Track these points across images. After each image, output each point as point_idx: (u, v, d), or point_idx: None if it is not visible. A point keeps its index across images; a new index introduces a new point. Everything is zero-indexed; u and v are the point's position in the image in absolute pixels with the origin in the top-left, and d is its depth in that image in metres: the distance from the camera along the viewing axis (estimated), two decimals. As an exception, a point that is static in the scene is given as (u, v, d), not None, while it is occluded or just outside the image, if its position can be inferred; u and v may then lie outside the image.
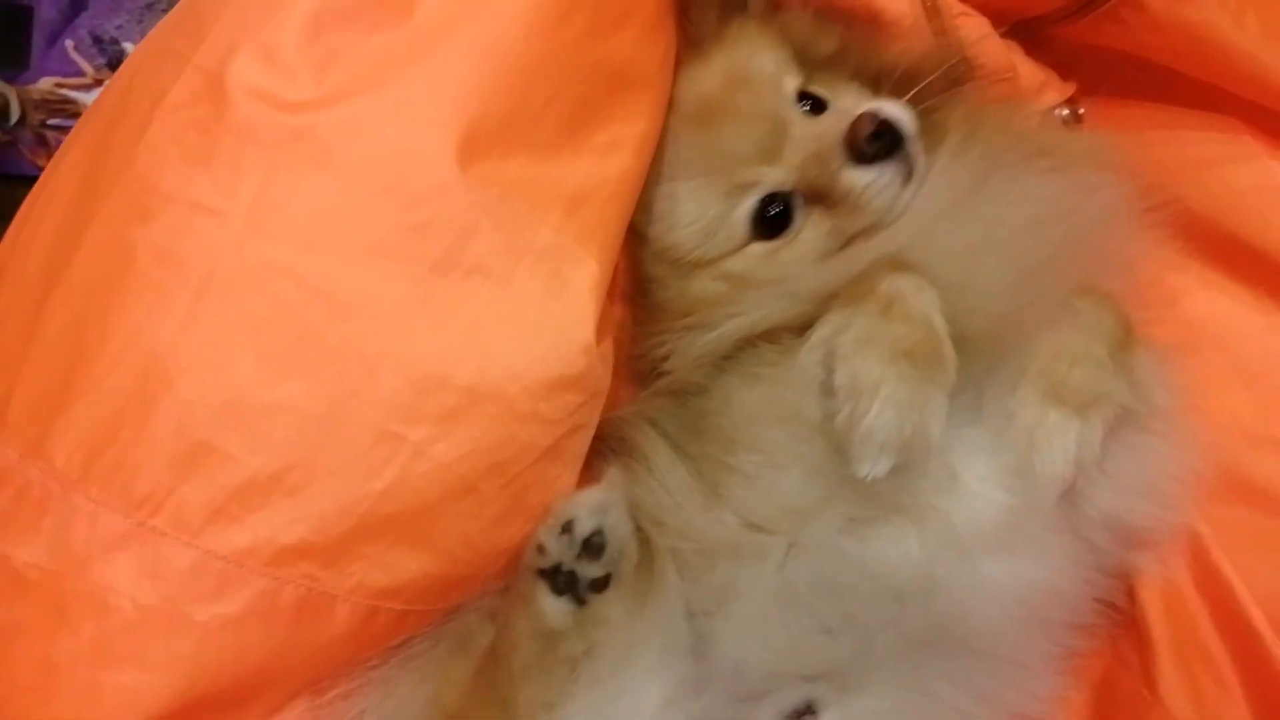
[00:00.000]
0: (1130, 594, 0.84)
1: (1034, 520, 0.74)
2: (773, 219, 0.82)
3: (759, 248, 0.83)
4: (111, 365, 0.64)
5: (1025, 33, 0.91)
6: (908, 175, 0.79)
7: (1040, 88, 0.90)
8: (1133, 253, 0.83)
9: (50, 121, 1.34)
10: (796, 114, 0.83)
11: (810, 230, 0.82)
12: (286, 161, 0.66)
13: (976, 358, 0.73)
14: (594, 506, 0.70)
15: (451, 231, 0.67)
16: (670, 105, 0.84)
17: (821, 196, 0.81)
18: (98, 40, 1.35)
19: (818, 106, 0.84)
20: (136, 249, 0.65)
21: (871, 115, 0.78)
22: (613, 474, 0.71)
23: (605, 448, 0.81)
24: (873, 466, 0.67)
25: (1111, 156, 0.82)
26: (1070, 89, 0.92)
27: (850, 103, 0.83)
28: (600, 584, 0.71)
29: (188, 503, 0.62)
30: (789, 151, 0.82)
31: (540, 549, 0.70)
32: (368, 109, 0.66)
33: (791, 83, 0.84)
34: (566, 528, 0.70)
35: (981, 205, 0.77)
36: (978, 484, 0.74)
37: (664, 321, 0.83)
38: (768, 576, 0.74)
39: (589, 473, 0.78)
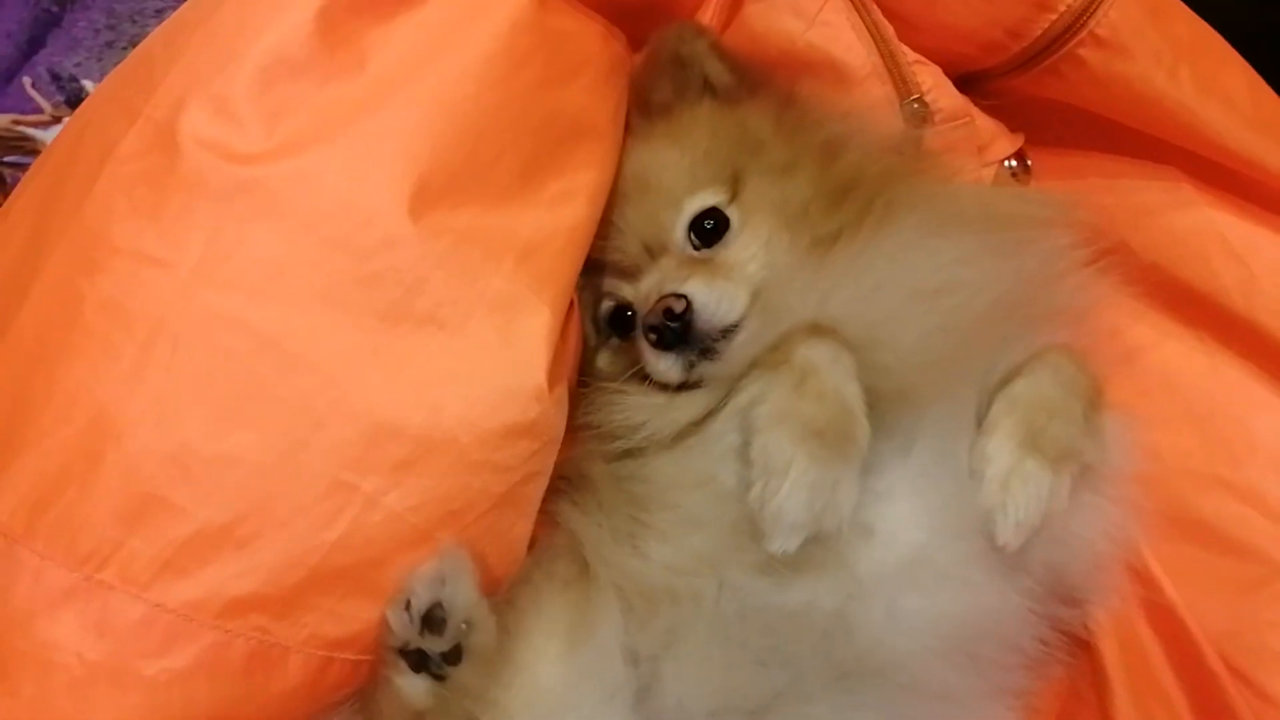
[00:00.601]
0: (1084, 631, 0.84)
1: (953, 558, 0.74)
2: (626, 320, 0.84)
3: (615, 344, 0.85)
4: (57, 419, 0.64)
5: (973, 85, 0.93)
6: (706, 357, 0.76)
7: (992, 139, 0.91)
8: (1082, 302, 0.85)
9: (7, 159, 1.33)
10: (678, 240, 0.82)
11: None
12: (235, 212, 0.66)
13: (905, 404, 0.74)
14: (430, 580, 0.68)
15: (403, 282, 0.67)
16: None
17: None
18: (56, 78, 1.34)
19: (718, 231, 0.81)
20: (84, 301, 0.65)
21: (664, 305, 0.76)
22: (449, 544, 0.69)
23: (563, 481, 0.81)
24: (783, 543, 0.68)
25: (1054, 212, 0.83)
26: (1019, 140, 0.93)
27: (737, 247, 0.80)
28: (452, 656, 0.70)
29: (137, 556, 0.62)
30: (645, 280, 0.82)
31: (388, 627, 0.69)
32: (319, 161, 0.67)
33: (700, 200, 0.82)
34: (407, 604, 0.68)
35: (908, 269, 0.77)
36: (893, 526, 0.74)
37: (591, 381, 0.84)
38: (704, 615, 0.74)
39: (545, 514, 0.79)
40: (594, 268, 0.83)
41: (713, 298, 0.76)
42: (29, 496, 0.63)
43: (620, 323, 0.85)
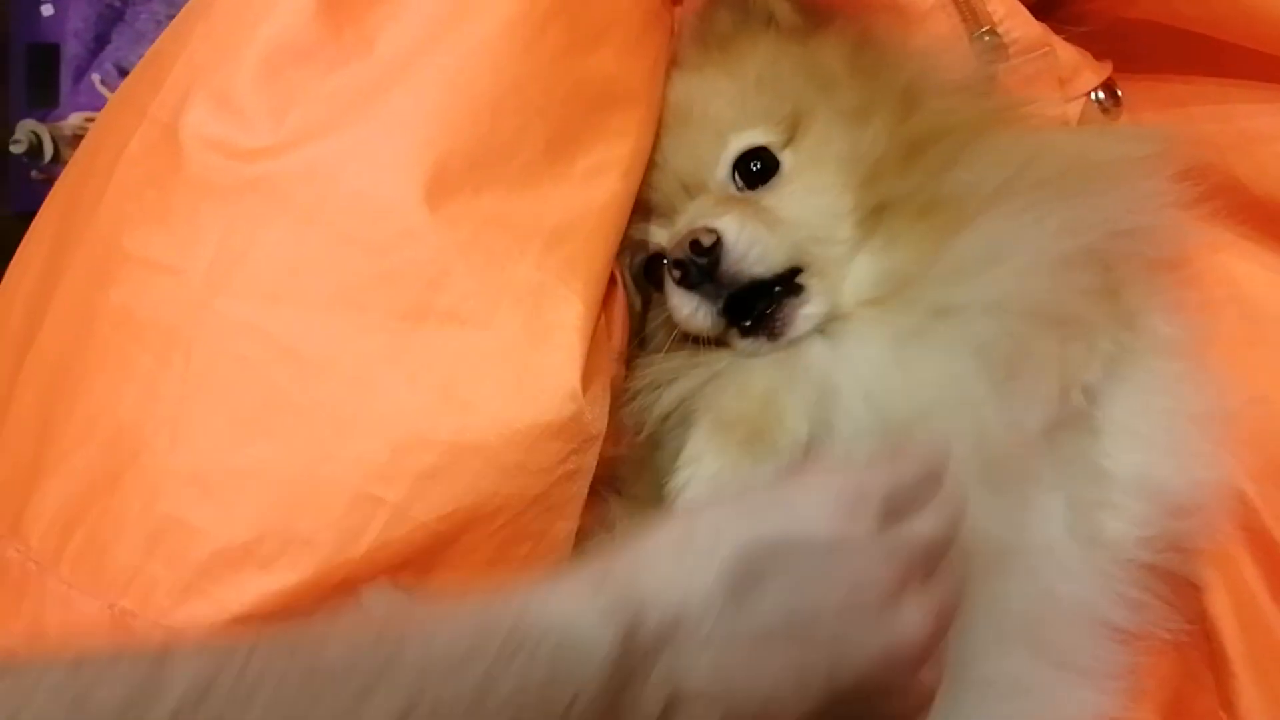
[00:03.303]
0: (1198, 603, 0.77)
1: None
2: (660, 270, 0.76)
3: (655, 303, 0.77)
4: (79, 439, 0.62)
5: (1051, 10, 0.84)
6: (765, 329, 0.69)
7: (1075, 70, 0.82)
8: (1185, 245, 0.76)
9: None
10: (720, 179, 0.74)
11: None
12: (244, 213, 0.63)
13: None
14: None
15: (422, 277, 0.63)
16: None
17: None
18: (123, 73, 1.34)
19: (765, 174, 0.73)
20: (99, 313, 0.63)
21: (691, 236, 0.68)
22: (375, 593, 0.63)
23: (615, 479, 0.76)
24: None
25: (1154, 148, 0.74)
26: (1107, 69, 0.84)
27: (786, 195, 0.72)
28: None
29: (158, 581, 0.60)
30: (681, 220, 0.74)
31: None
32: (328, 152, 0.63)
33: (748, 138, 0.74)
34: None
35: (995, 251, 0.69)
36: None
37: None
38: None
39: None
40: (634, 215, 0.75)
41: (744, 237, 0.68)
42: (56, 521, 0.61)
43: (655, 274, 0.77)
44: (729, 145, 0.74)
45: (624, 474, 0.75)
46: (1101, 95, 0.84)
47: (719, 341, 0.72)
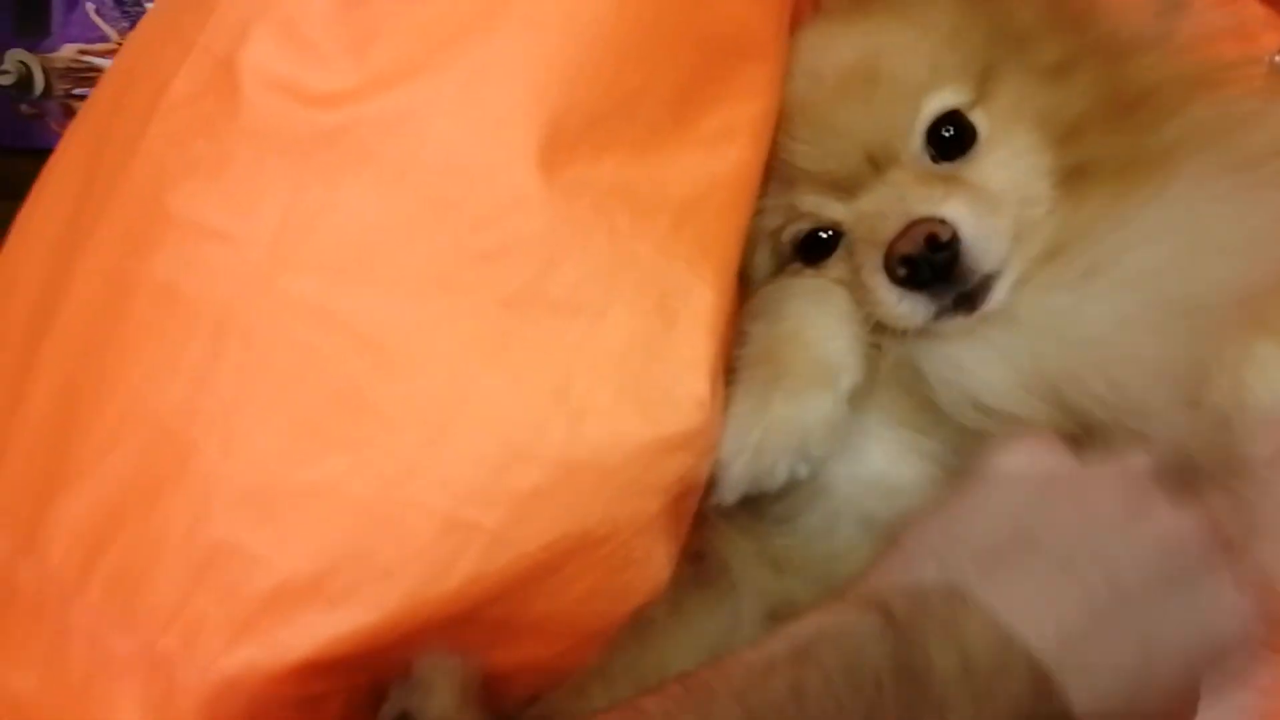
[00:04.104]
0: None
1: None
2: (822, 246, 0.67)
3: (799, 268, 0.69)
4: (109, 439, 0.51)
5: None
6: (966, 305, 0.62)
7: (1262, 28, 0.72)
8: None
9: (76, 91, 1.30)
10: (914, 148, 0.65)
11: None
12: (318, 171, 0.52)
13: None
14: (404, 687, 0.55)
15: (535, 257, 0.52)
16: None
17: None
18: (119, 2, 1.27)
19: (960, 142, 0.65)
20: (136, 288, 0.53)
21: (924, 230, 0.60)
22: (435, 651, 0.55)
23: None
24: (721, 493, 0.60)
25: None
26: (1289, 30, 0.74)
27: (990, 165, 0.64)
28: None
29: (207, 618, 0.49)
30: (869, 198, 0.64)
31: None
32: (422, 99, 0.53)
33: (941, 100, 0.65)
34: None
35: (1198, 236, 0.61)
36: None
37: None
38: None
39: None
40: (779, 179, 0.66)
41: (982, 230, 0.61)
42: (82, 538, 0.51)
43: (815, 248, 0.68)
44: (923, 109, 0.64)
45: None
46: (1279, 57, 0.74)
47: None
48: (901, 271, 0.61)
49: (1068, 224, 0.63)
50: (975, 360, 0.62)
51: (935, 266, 0.60)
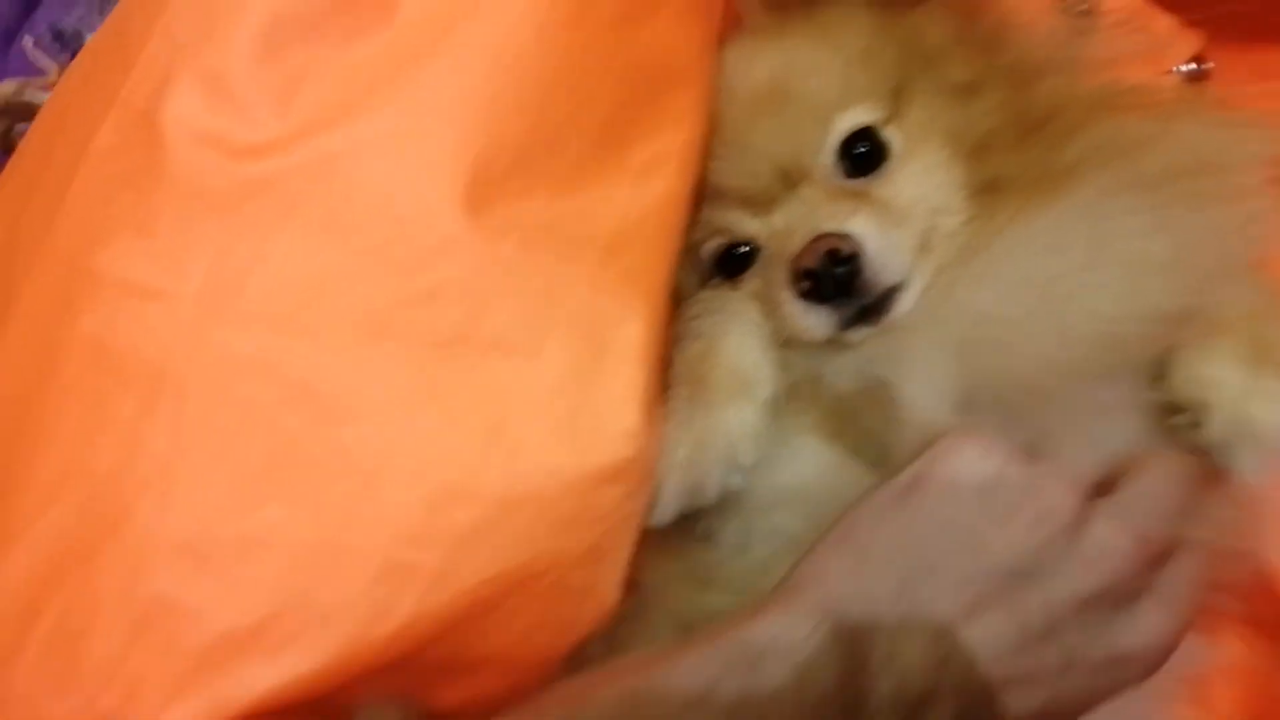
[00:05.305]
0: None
1: None
2: (738, 261, 0.69)
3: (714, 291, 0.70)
4: (44, 500, 0.51)
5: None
6: (871, 317, 0.63)
7: (1169, 41, 0.74)
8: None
9: (19, 127, 1.25)
10: (826, 165, 0.66)
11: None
12: (246, 223, 0.52)
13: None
14: None
15: (464, 299, 0.53)
16: None
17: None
18: (58, 35, 1.25)
19: (873, 159, 0.66)
20: (66, 347, 0.52)
21: (825, 245, 0.62)
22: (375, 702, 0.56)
23: None
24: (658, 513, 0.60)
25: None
26: (1199, 40, 0.76)
27: (901, 180, 0.66)
28: None
29: (146, 674, 0.49)
30: (781, 213, 0.66)
31: None
32: (346, 144, 0.53)
33: (853, 118, 0.66)
34: None
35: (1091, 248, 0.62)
36: None
37: None
38: None
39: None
40: (700, 195, 0.68)
41: (884, 245, 0.62)
42: (17, 600, 0.50)
43: (733, 262, 0.69)
44: (834, 126, 0.66)
45: None
46: (1190, 67, 0.77)
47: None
48: (805, 285, 0.62)
49: (980, 234, 0.65)
50: (885, 367, 0.63)
51: (837, 280, 0.61)
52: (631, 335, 0.57)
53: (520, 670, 0.60)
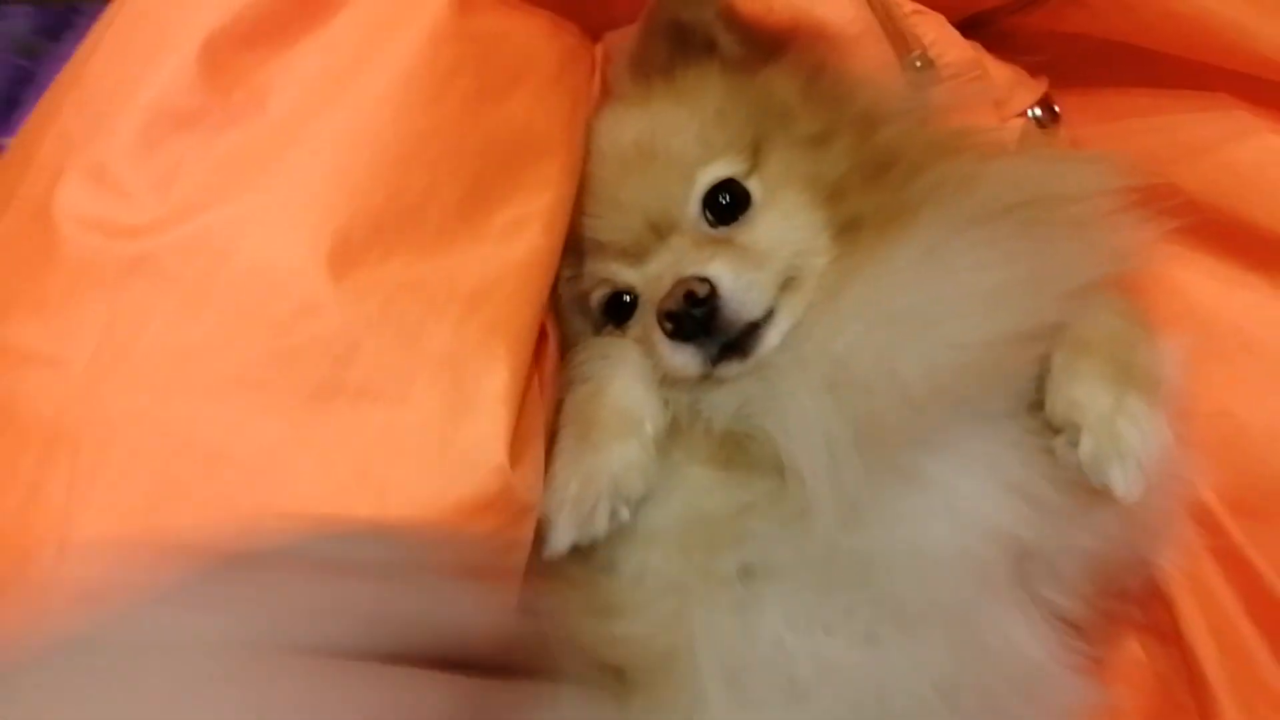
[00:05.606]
0: (1175, 626, 0.76)
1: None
2: (624, 308, 0.75)
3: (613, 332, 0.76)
4: None
5: (983, 28, 0.82)
6: (738, 353, 0.68)
7: (1011, 89, 0.80)
8: (1135, 265, 0.74)
9: None
10: (691, 216, 0.72)
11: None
12: (129, 295, 0.58)
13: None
14: None
15: (329, 353, 0.58)
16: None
17: None
18: None
19: (736, 208, 0.72)
20: None
21: (684, 288, 0.67)
22: None
23: None
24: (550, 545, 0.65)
25: (1109, 180, 0.72)
26: (1042, 86, 0.83)
27: (762, 226, 0.71)
28: None
29: None
30: (654, 262, 0.72)
31: None
32: (218, 222, 0.59)
33: (714, 171, 0.73)
34: None
35: (929, 282, 0.68)
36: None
37: None
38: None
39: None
40: (585, 250, 0.74)
41: (740, 285, 0.67)
42: None
43: (619, 310, 0.75)
44: (697, 181, 0.72)
45: None
46: (1039, 112, 0.83)
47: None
48: (669, 326, 0.67)
49: (843, 272, 0.70)
50: (758, 407, 0.68)
51: (696, 320, 0.66)
52: (496, 379, 0.62)
53: None
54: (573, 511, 0.65)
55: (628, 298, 0.74)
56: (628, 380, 0.70)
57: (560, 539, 0.65)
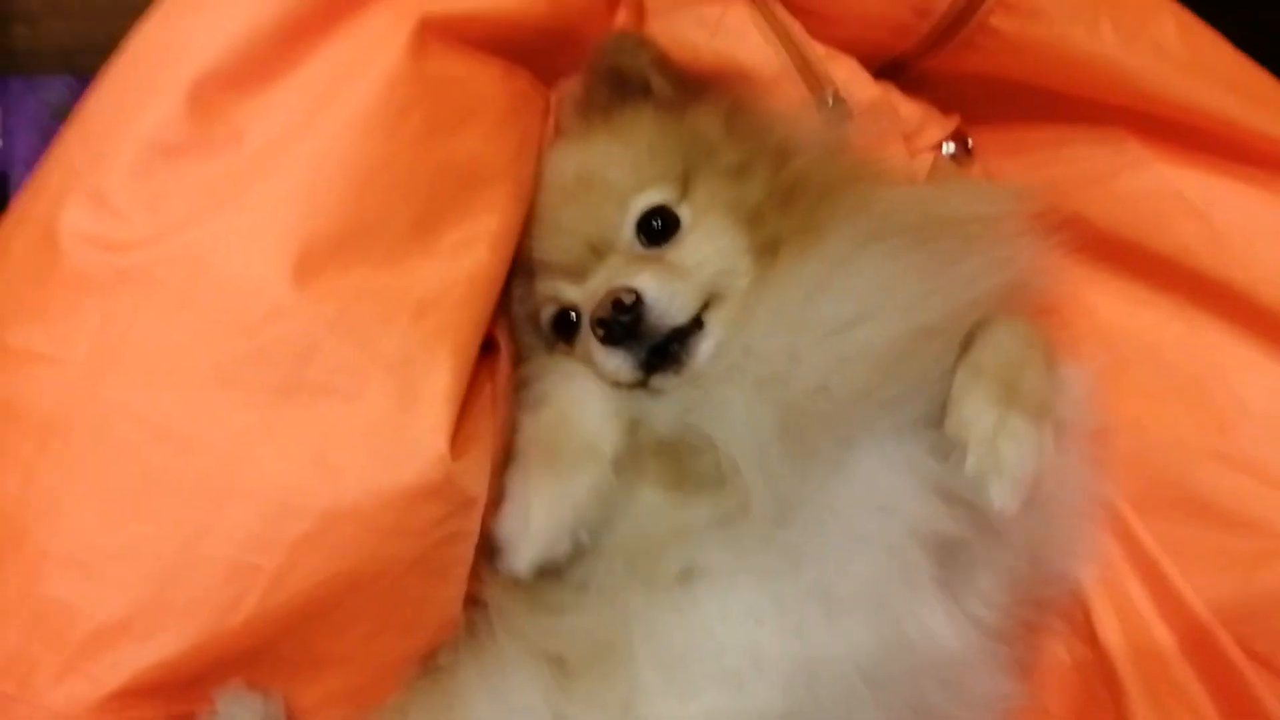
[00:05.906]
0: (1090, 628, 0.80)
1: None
2: (571, 324, 0.81)
3: (562, 352, 0.82)
4: None
5: (898, 72, 0.89)
6: (673, 365, 0.75)
7: (920, 125, 0.88)
8: (1041, 287, 0.80)
9: None
10: (626, 238, 0.80)
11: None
12: (120, 303, 0.66)
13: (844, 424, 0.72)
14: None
15: (291, 353, 0.66)
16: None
17: None
18: None
19: (666, 231, 0.79)
20: None
21: (612, 296, 0.74)
22: (233, 685, 0.67)
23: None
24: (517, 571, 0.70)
25: (1001, 205, 0.79)
26: (953, 123, 0.90)
27: (689, 246, 0.78)
28: None
29: (38, 663, 0.61)
30: (593, 280, 0.79)
31: None
32: (199, 239, 0.66)
33: (647, 198, 0.80)
34: None
35: (833, 294, 0.74)
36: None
37: None
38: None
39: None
40: (534, 271, 0.81)
41: (664, 293, 0.74)
42: None
43: (566, 327, 0.82)
44: (630, 207, 0.80)
45: None
46: (953, 146, 0.90)
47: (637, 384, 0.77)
48: (600, 332, 0.74)
49: (764, 288, 0.77)
50: (698, 414, 0.74)
51: (624, 325, 0.73)
52: (440, 378, 0.69)
53: (369, 670, 0.71)
54: (535, 540, 0.70)
55: (574, 315, 0.81)
56: (590, 407, 0.76)
57: (523, 560, 0.70)
